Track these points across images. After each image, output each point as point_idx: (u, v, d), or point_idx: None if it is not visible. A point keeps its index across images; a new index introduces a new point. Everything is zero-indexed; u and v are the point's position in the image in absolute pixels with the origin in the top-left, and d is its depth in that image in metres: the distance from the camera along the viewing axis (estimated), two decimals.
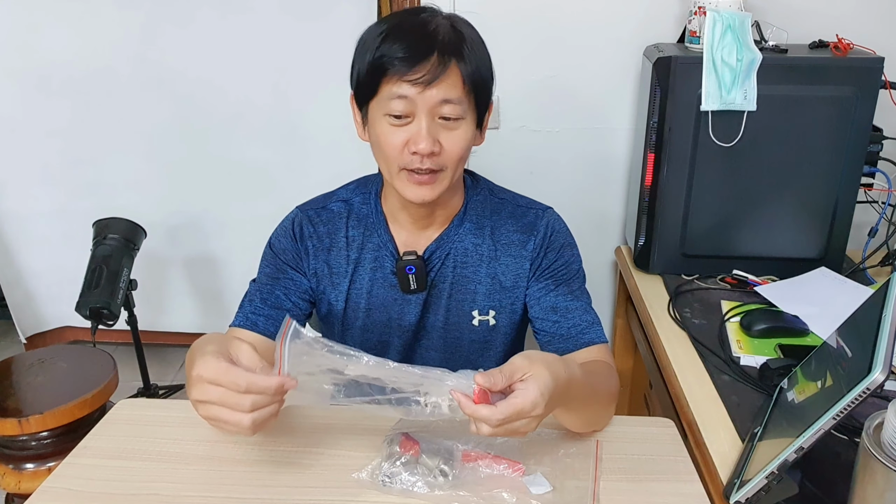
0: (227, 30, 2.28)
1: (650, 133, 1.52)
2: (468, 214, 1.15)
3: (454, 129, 1.00)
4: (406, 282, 1.12)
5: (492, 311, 1.15)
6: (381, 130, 1.01)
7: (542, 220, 1.15)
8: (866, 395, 0.75)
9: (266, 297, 1.12)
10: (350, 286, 1.16)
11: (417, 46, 0.97)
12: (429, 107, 0.98)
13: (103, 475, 0.96)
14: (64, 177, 2.53)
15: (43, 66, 2.38)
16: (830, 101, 1.43)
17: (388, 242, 1.14)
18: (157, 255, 2.51)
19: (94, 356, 1.82)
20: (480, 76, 1.01)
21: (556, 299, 1.12)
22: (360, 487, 0.92)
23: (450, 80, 0.97)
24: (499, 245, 1.14)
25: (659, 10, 1.71)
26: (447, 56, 0.97)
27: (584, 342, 1.09)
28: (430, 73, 0.96)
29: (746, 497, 0.88)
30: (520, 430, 0.81)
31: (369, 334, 1.18)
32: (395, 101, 0.98)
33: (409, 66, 0.96)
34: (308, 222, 1.16)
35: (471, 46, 1.00)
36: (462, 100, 0.99)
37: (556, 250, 1.14)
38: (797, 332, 1.31)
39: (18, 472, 1.64)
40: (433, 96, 0.97)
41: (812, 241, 1.54)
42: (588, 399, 0.96)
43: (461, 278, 1.14)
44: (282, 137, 2.36)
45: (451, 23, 1.02)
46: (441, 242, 1.14)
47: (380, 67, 0.98)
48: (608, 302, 2.04)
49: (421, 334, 1.19)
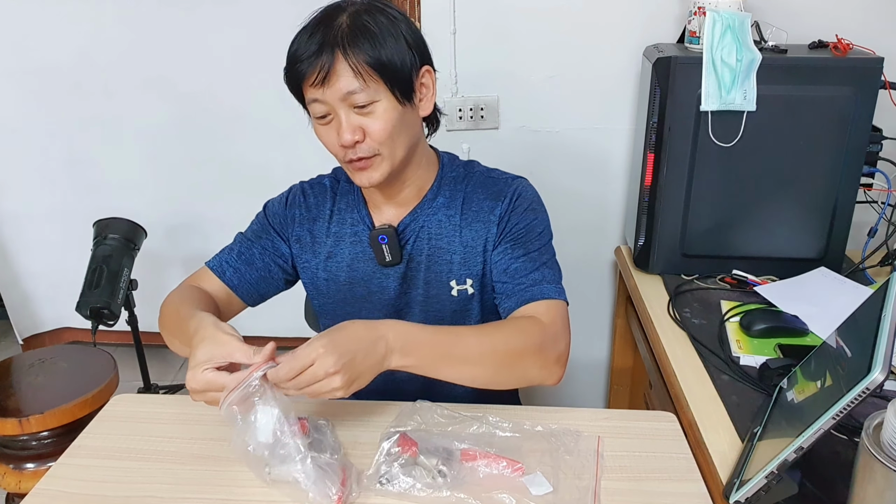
0: (226, 30, 2.28)
1: (650, 133, 1.52)
2: (442, 189, 1.19)
3: (370, 113, 1.04)
4: (381, 253, 1.17)
5: (468, 279, 1.18)
6: (318, 132, 1.09)
7: (510, 187, 1.18)
8: (866, 395, 0.75)
9: (242, 252, 1.22)
10: (328, 258, 1.21)
11: (308, 47, 1.01)
12: (337, 101, 1.02)
13: (98, 476, 0.96)
14: (64, 177, 2.53)
15: (43, 66, 2.39)
16: (830, 102, 1.43)
17: (365, 217, 1.19)
18: (157, 255, 2.51)
19: (95, 356, 1.82)
20: (378, 56, 1.01)
21: (510, 262, 1.14)
22: (358, 488, 0.91)
23: (343, 73, 1.00)
24: (469, 213, 1.17)
25: (659, 10, 1.71)
26: (332, 50, 1.00)
27: (526, 298, 1.09)
28: (322, 71, 1.00)
29: (746, 497, 0.88)
30: (322, 375, 0.86)
31: (350, 308, 1.22)
32: (313, 105, 1.05)
33: (306, 70, 1.01)
34: (301, 193, 1.24)
35: (362, 32, 1.01)
36: (364, 86, 1.01)
37: (518, 213, 1.16)
38: (797, 331, 1.31)
39: (19, 472, 1.64)
40: (336, 91, 1.01)
41: (812, 241, 1.54)
42: (467, 348, 1.00)
43: (437, 250, 1.17)
44: (282, 137, 2.37)
45: (357, 11, 1.03)
46: (415, 216, 1.18)
47: (292, 76, 1.04)
48: (608, 302, 2.04)
49: (404, 310, 1.21)
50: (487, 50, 1.77)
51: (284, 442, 0.87)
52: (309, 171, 1.28)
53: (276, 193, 1.27)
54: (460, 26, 1.75)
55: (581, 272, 1.96)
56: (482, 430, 1.01)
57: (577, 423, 1.04)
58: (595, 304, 2.03)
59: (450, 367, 0.99)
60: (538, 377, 1.04)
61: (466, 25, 1.75)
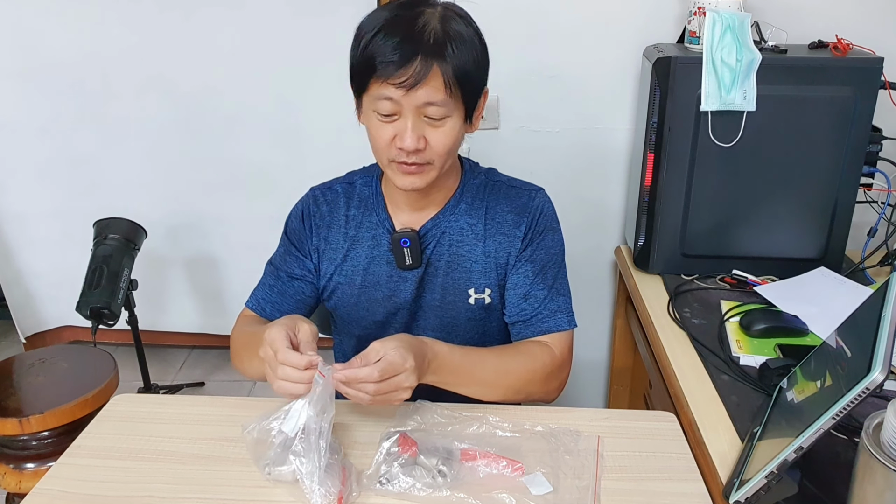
0: (227, 29, 2.28)
1: (650, 133, 1.52)
2: (464, 196, 1.19)
3: (439, 126, 1.04)
4: (402, 256, 1.17)
5: (487, 289, 1.18)
6: (371, 125, 1.06)
7: (533, 200, 1.19)
8: (866, 395, 0.75)
9: (274, 285, 1.22)
10: (344, 261, 1.21)
11: (402, 48, 0.98)
12: (413, 107, 1.01)
13: (98, 476, 0.96)
14: (64, 177, 2.53)
15: (43, 65, 2.38)
16: (830, 102, 1.43)
17: (385, 220, 1.19)
18: (157, 255, 2.51)
19: (95, 356, 1.82)
20: (466, 73, 1.01)
21: (530, 287, 1.17)
22: (358, 488, 0.91)
23: (432, 83, 0.99)
24: (493, 224, 1.18)
25: (659, 10, 1.71)
26: (430, 58, 0.98)
27: (542, 330, 1.16)
28: (413, 77, 0.98)
29: (746, 497, 0.88)
30: (401, 387, 0.92)
31: (364, 312, 1.22)
32: (381, 101, 1.02)
33: (394, 70, 0.98)
34: (313, 202, 1.23)
35: (458, 44, 1.00)
36: (446, 101, 1.01)
37: (541, 233, 1.18)
38: (797, 331, 1.31)
39: (19, 472, 1.64)
40: (417, 98, 1.00)
41: (811, 241, 1.54)
42: (485, 372, 1.08)
43: (457, 257, 1.18)
44: (282, 137, 2.37)
45: (443, 16, 1.02)
46: (437, 221, 1.18)
47: (368, 67, 1.01)
48: (608, 302, 2.04)
49: (418, 314, 1.21)
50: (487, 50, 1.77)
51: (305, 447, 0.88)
52: (309, 170, 1.29)
53: (276, 193, 1.28)
54: None
55: (581, 272, 1.95)
56: (482, 430, 1.01)
57: (577, 423, 1.04)
58: (595, 304, 2.03)
59: (467, 386, 1.07)
60: (538, 397, 1.14)
61: None
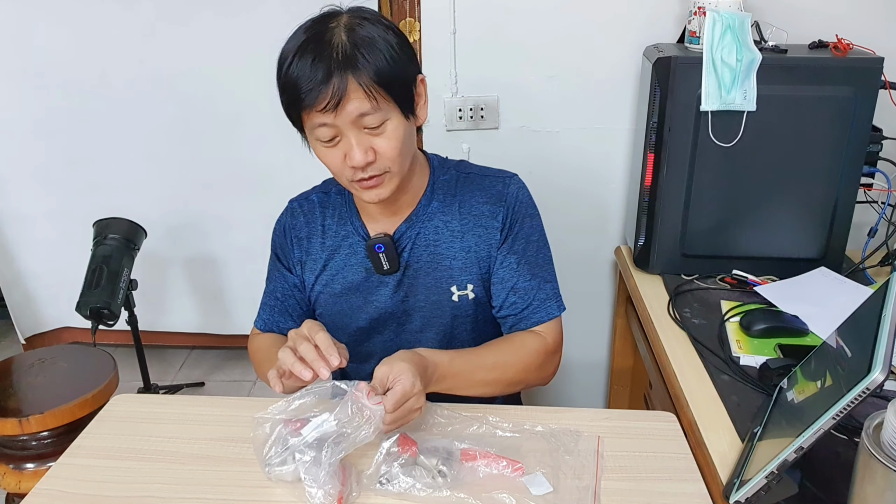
0: (227, 29, 2.28)
1: (650, 133, 1.52)
2: (435, 194, 1.18)
3: (381, 133, 1.02)
4: (378, 261, 1.17)
5: (469, 284, 1.18)
6: (320, 153, 1.06)
7: (508, 188, 1.19)
8: (866, 395, 0.75)
9: (275, 306, 1.24)
10: (324, 271, 1.21)
11: (316, 72, 0.96)
12: (349, 124, 0.99)
13: (98, 476, 0.96)
14: (64, 177, 2.53)
15: (42, 66, 2.39)
16: (830, 102, 1.43)
17: (360, 228, 1.19)
18: (157, 255, 2.51)
19: (95, 356, 1.82)
20: (384, 74, 0.98)
21: (517, 280, 1.17)
22: (358, 488, 0.91)
23: (354, 96, 0.97)
24: (469, 217, 1.17)
25: (659, 10, 1.71)
26: (343, 73, 0.96)
27: (534, 321, 1.18)
28: (334, 97, 0.96)
29: (746, 497, 0.88)
30: (413, 409, 0.94)
31: (347, 319, 1.22)
32: (318, 129, 1.01)
33: (315, 96, 0.97)
34: (291, 215, 1.24)
35: (367, 49, 0.97)
36: (376, 107, 0.99)
37: (520, 221, 1.18)
38: (797, 331, 1.31)
39: (19, 472, 1.64)
40: (348, 115, 0.98)
41: (812, 241, 1.54)
42: (484, 372, 1.10)
43: (436, 256, 1.18)
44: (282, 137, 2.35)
45: (348, 26, 0.99)
46: (411, 223, 1.17)
47: (294, 99, 1.00)
48: (608, 302, 2.04)
49: (404, 319, 1.21)
50: (487, 50, 1.77)
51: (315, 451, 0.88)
52: (309, 170, 1.28)
53: (276, 193, 1.28)
54: (460, 26, 1.75)
55: (581, 272, 1.96)
56: (482, 430, 1.01)
57: (577, 423, 1.04)
58: (595, 304, 2.03)
59: (468, 388, 1.09)
60: (535, 384, 1.18)
61: (466, 25, 1.75)
